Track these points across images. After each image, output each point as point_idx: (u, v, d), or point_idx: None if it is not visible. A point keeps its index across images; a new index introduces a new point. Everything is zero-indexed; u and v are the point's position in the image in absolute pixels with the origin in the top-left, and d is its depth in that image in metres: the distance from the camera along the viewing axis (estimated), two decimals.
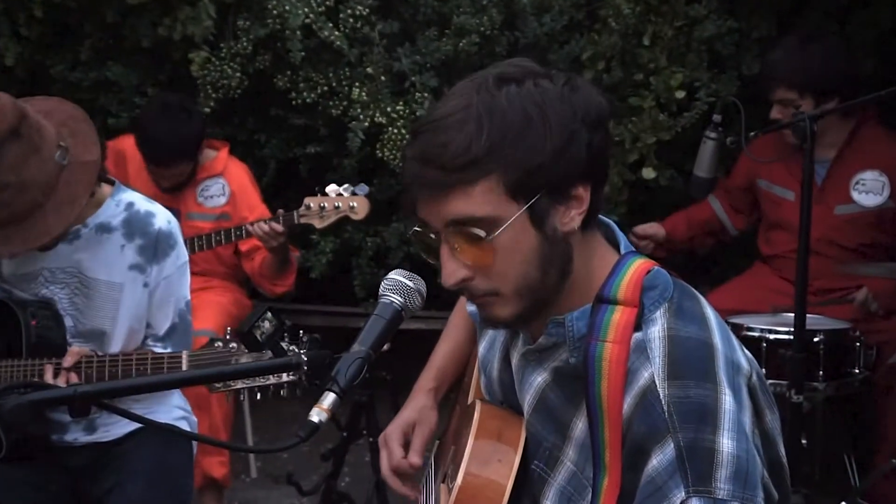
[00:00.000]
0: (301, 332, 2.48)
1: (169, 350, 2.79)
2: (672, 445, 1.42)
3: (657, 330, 1.50)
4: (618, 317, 1.51)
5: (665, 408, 1.44)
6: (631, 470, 1.46)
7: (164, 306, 2.80)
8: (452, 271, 1.52)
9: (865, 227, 3.82)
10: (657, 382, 1.45)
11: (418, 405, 2.01)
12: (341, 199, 3.93)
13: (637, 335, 1.50)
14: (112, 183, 2.81)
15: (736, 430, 1.43)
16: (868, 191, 3.80)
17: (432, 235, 1.54)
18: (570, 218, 1.51)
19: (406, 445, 1.95)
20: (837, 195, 3.82)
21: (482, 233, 1.47)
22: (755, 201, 4.11)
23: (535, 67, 1.53)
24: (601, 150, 1.52)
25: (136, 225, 2.75)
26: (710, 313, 1.55)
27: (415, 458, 1.91)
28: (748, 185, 4.08)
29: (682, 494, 1.39)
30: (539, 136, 1.45)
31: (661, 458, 1.42)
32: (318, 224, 3.97)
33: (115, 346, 2.77)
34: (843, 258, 3.80)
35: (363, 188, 3.97)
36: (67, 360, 2.62)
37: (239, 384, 2.58)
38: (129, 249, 2.74)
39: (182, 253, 2.82)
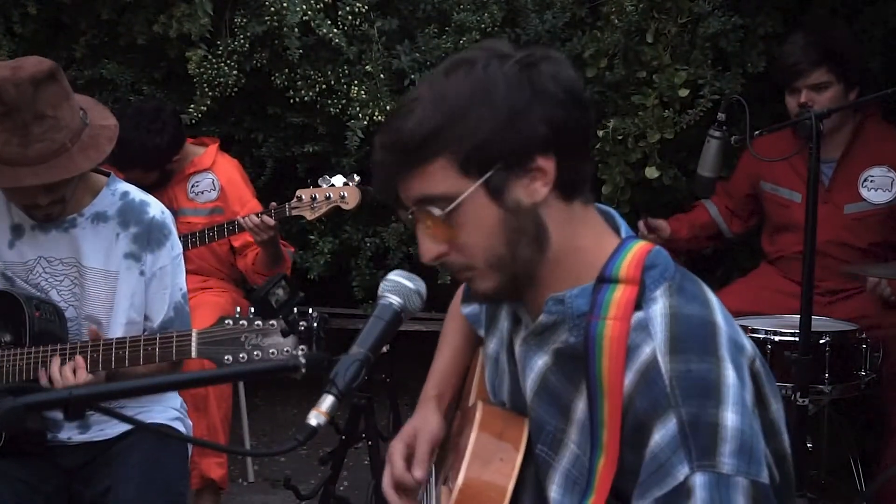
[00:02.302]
0: (311, 309, 2.46)
1: None
2: (674, 420, 1.42)
3: (659, 308, 1.52)
4: (619, 294, 1.53)
5: (667, 382, 1.45)
6: (634, 448, 1.46)
7: (159, 299, 2.83)
8: (427, 249, 1.59)
9: (876, 226, 3.78)
10: (659, 357, 1.47)
11: (420, 414, 1.96)
12: (332, 189, 3.92)
13: (638, 313, 1.52)
14: (107, 175, 2.89)
15: (740, 404, 1.43)
16: (877, 187, 3.75)
17: (409, 216, 1.60)
18: (534, 189, 1.55)
19: (410, 457, 1.88)
20: (846, 194, 3.78)
21: (437, 210, 1.54)
22: (756, 205, 4.06)
23: (497, 48, 1.59)
24: (567, 123, 1.55)
25: (130, 214, 2.80)
26: (712, 296, 1.57)
27: (418, 472, 1.83)
28: (750, 189, 4.03)
29: (686, 470, 1.40)
30: (482, 114, 1.52)
31: (663, 433, 1.43)
32: (310, 215, 3.96)
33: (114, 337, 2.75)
34: (853, 259, 3.76)
35: (355, 178, 3.94)
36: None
37: (246, 359, 2.52)
38: (123, 238, 2.79)
39: (176, 244, 2.86)
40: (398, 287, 1.59)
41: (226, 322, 2.57)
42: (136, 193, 2.85)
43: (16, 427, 1.38)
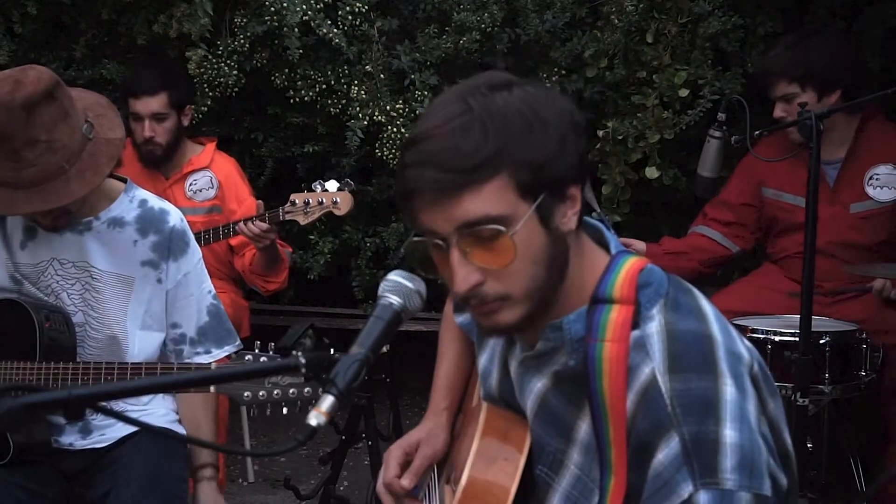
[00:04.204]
0: (333, 350, 2.44)
1: (212, 350, 2.82)
2: (677, 439, 1.43)
3: (655, 325, 1.51)
4: (615, 315, 1.52)
5: (668, 402, 1.45)
6: (637, 468, 1.47)
7: (188, 306, 2.82)
8: (465, 276, 1.50)
9: (883, 224, 3.77)
10: (658, 377, 1.47)
11: (428, 425, 1.97)
12: (325, 194, 3.93)
13: (635, 332, 1.51)
14: (124, 181, 2.85)
15: (739, 419, 1.44)
16: (883, 185, 3.75)
17: (440, 242, 1.51)
18: (568, 217, 1.54)
19: (407, 465, 1.92)
20: (851, 193, 3.77)
21: (501, 227, 1.47)
22: (755, 217, 4.02)
23: (514, 77, 1.56)
24: (584, 153, 1.57)
25: (150, 221, 2.78)
26: (707, 305, 1.57)
27: (405, 481, 1.88)
28: (750, 199, 3.98)
29: (690, 488, 1.40)
30: (540, 137, 1.49)
31: (666, 452, 1.43)
32: (303, 220, 3.96)
33: (132, 345, 2.76)
34: (859, 260, 3.75)
35: (348, 183, 3.95)
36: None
37: (265, 396, 2.50)
38: (142, 245, 2.77)
39: (196, 249, 2.86)
40: (398, 287, 1.57)
41: (246, 358, 2.55)
42: (155, 201, 2.82)
43: (15, 427, 1.38)
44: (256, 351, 2.57)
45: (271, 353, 2.55)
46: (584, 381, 1.52)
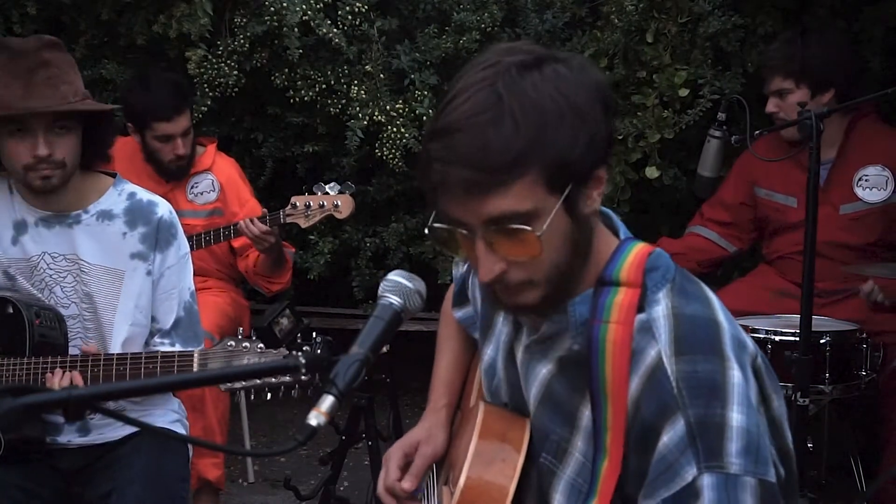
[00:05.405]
0: (314, 333, 2.52)
1: (177, 344, 2.81)
2: (682, 421, 1.42)
3: (661, 309, 1.51)
4: (620, 298, 1.52)
5: (674, 384, 1.44)
6: (642, 451, 1.46)
7: (168, 298, 2.82)
8: (490, 267, 1.50)
9: (872, 225, 3.77)
10: (664, 359, 1.46)
11: (427, 424, 1.96)
12: (326, 197, 3.93)
13: (641, 316, 1.51)
14: (113, 176, 2.87)
15: (745, 403, 1.43)
16: (872, 186, 3.75)
17: (464, 232, 1.50)
18: (594, 199, 1.52)
19: (407, 466, 1.90)
20: (841, 194, 3.77)
21: (528, 228, 1.45)
22: (752, 216, 4.02)
23: (543, 51, 1.52)
24: (613, 129, 1.53)
25: (138, 213, 2.80)
26: (712, 295, 1.57)
27: (407, 483, 1.86)
28: (745, 198, 3.98)
29: (694, 471, 1.40)
30: (572, 128, 1.44)
31: (671, 434, 1.43)
32: (303, 223, 3.97)
33: (118, 339, 2.76)
34: (850, 260, 3.75)
35: (349, 186, 3.95)
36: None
37: (241, 383, 2.53)
38: (131, 237, 2.78)
39: (183, 243, 2.87)
40: (398, 287, 1.58)
41: (228, 343, 2.57)
42: (144, 194, 2.84)
43: (15, 427, 1.37)
44: (239, 336, 2.60)
45: (253, 336, 2.59)
46: (587, 364, 1.51)
